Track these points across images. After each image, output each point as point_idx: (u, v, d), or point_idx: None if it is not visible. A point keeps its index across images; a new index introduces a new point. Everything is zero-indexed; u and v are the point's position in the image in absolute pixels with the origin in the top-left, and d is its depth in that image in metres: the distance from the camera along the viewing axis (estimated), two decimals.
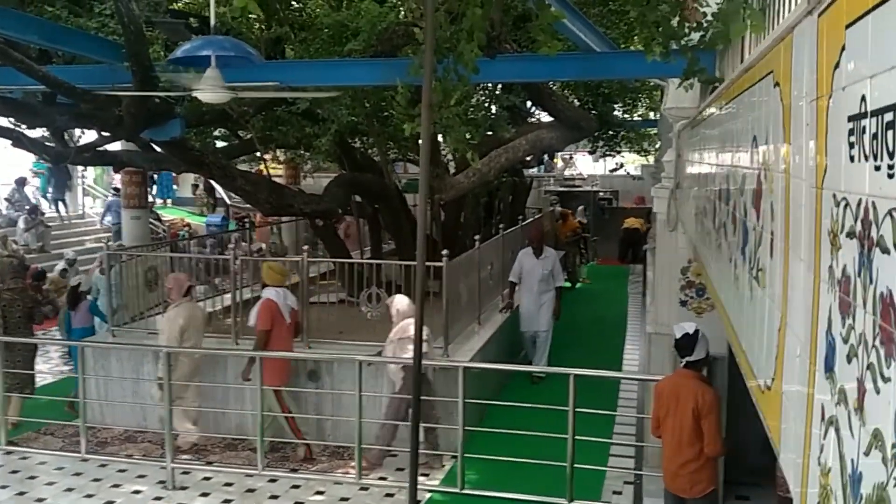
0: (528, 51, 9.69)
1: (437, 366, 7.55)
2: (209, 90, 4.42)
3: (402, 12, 8.58)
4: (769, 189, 1.82)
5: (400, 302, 7.72)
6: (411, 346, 6.76)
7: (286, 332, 7.71)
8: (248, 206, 16.89)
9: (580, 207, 19.99)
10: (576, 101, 13.64)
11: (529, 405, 6.99)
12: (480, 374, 8.22)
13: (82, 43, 7.32)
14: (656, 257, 7.91)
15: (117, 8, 6.41)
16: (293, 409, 7.82)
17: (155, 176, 21.94)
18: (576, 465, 6.27)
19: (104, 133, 8.74)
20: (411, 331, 6.95)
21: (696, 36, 5.59)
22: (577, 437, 6.24)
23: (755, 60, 2.04)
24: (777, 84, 1.69)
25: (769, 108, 1.79)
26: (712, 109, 3.87)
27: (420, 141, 9.76)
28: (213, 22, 4.41)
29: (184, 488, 7.21)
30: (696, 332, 5.08)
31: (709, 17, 5.48)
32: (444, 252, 8.30)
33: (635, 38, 12.66)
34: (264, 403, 7.28)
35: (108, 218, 19.33)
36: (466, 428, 6.70)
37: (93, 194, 23.28)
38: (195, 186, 23.27)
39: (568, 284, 17.44)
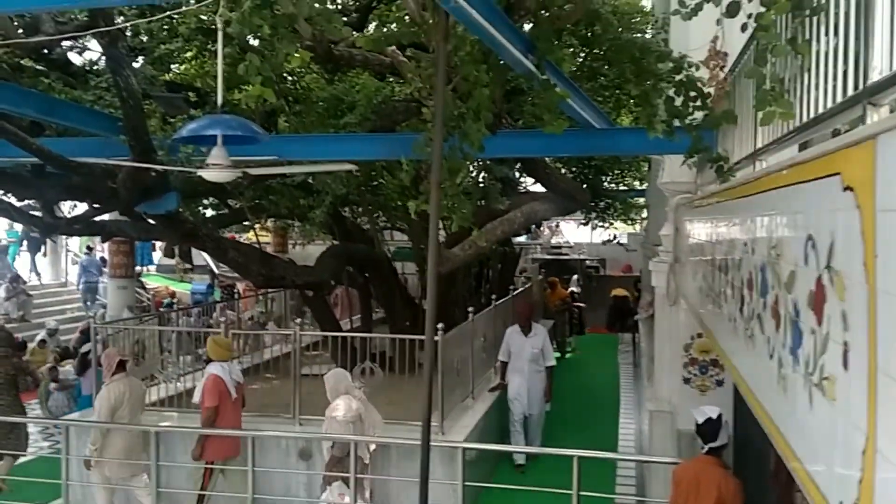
0: (522, 123, 9.78)
1: (435, 446, 7.31)
2: (216, 169, 4.36)
3: (404, 88, 8.62)
4: (838, 296, 1.73)
5: (330, 378, 7.51)
6: (336, 426, 7.02)
7: (233, 406, 7.46)
8: (234, 274, 16.75)
9: (574, 277, 19.97)
10: (568, 172, 13.74)
11: (528, 488, 6.78)
12: (474, 455, 7.99)
13: (78, 116, 7.27)
14: (656, 333, 7.81)
15: (115, 82, 6.38)
16: (223, 487, 7.53)
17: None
18: None
19: (96, 205, 8.63)
20: (339, 410, 6.99)
21: (699, 115, 5.65)
22: None
23: (810, 157, 1.98)
24: (849, 188, 1.62)
25: (836, 212, 1.72)
26: (728, 198, 3.82)
27: (417, 216, 9.73)
28: (220, 101, 4.36)
29: None
30: (720, 416, 4.94)
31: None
32: (440, 325, 8.15)
33: (623, 111, 12.88)
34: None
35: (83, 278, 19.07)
36: None
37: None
38: (171, 251, 22.98)
39: (557, 355, 17.34)
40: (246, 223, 13.38)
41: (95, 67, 9.30)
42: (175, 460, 8.00)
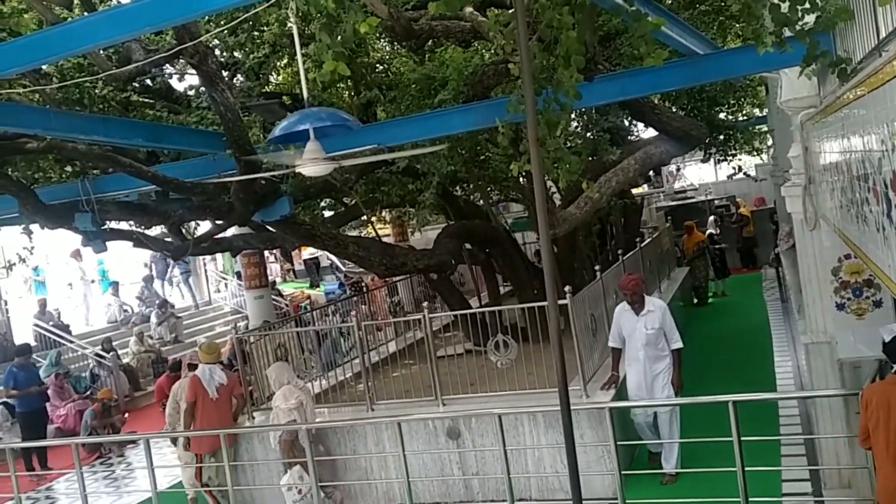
0: (622, 68, 9.34)
1: (579, 409, 7.12)
2: (311, 164, 4.35)
3: (491, 51, 8.40)
4: None
5: (272, 371, 8.19)
6: (281, 415, 7.75)
7: (213, 404, 8.32)
8: (359, 270, 17.10)
9: (710, 219, 19.13)
10: (679, 110, 13.07)
11: (685, 440, 6.52)
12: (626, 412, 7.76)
13: (184, 138, 7.54)
14: (800, 262, 7.28)
15: (212, 99, 6.55)
16: (215, 479, 8.34)
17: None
18: (750, 500, 5.71)
19: (218, 221, 8.97)
20: (285, 399, 7.77)
21: (810, 18, 5.15)
22: (746, 469, 5.70)
23: None
24: None
25: None
26: (858, 96, 3.43)
27: (524, 179, 9.51)
28: (305, 94, 4.34)
29: None
30: None
31: None
32: (567, 288, 7.94)
33: (729, 35, 12.10)
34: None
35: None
36: (624, 473, 6.26)
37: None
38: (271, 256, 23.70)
39: (695, 301, 16.68)
40: (363, 217, 13.58)
41: (196, 91, 9.64)
42: (329, 453, 8.27)
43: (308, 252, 24.00)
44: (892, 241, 2.96)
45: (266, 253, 25.98)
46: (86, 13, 6.52)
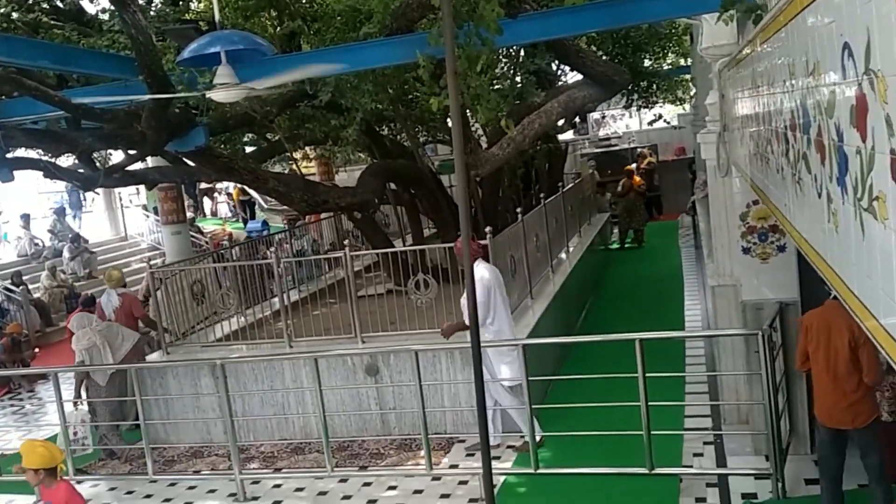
0: (549, 7, 9.30)
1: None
2: (223, 89, 4.21)
3: None
4: (881, 100, 1.51)
5: (74, 321, 8.34)
6: (77, 354, 8.09)
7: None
8: (283, 207, 16.81)
9: (633, 166, 19.58)
10: (603, 55, 13.15)
11: (593, 376, 6.73)
12: (539, 351, 7.96)
13: (95, 62, 7.18)
14: (711, 207, 7.52)
15: (123, 21, 6.23)
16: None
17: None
18: (652, 432, 5.98)
19: (130, 151, 8.63)
20: (77, 341, 8.03)
21: None
22: (650, 404, 5.95)
23: None
24: None
25: (869, 3, 1.48)
26: (764, 39, 3.51)
27: (449, 116, 9.44)
28: (217, 15, 4.18)
29: (255, 498, 7.10)
30: None
31: None
32: (488, 229, 8.01)
33: None
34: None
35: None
36: (534, 406, 6.45)
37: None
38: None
39: (636, 244, 17.22)
40: (286, 154, 13.30)
41: (110, 14, 9.16)
42: (245, 389, 8.27)
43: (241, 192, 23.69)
44: (788, 181, 3.08)
45: (217, 189, 25.60)
46: None
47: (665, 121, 19.80)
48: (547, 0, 9.23)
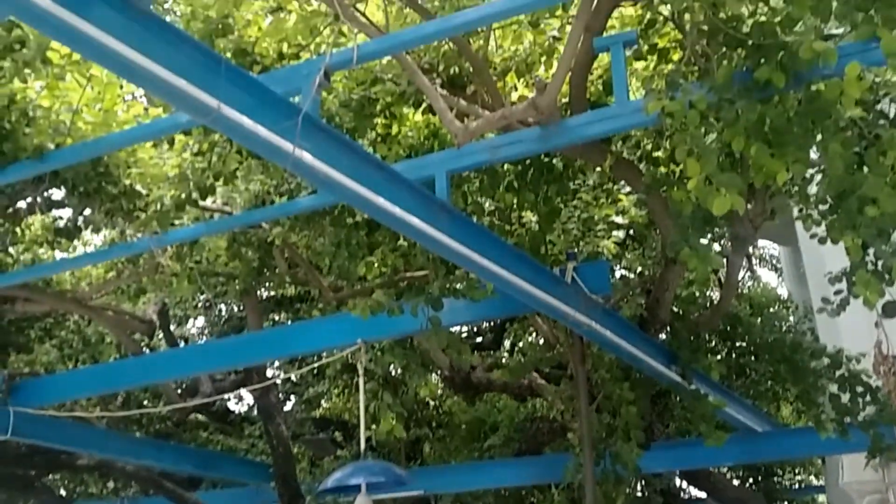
0: (675, 427, 9.19)
1: None
2: None
3: (549, 408, 8.50)
4: None
5: None
6: None
7: None
8: None
9: None
10: (733, 475, 12.56)
11: None
12: None
13: (231, 467, 7.50)
14: None
15: (266, 430, 6.59)
16: None
17: None
18: None
19: None
20: None
21: (872, 409, 5.13)
22: None
23: None
24: None
25: None
26: None
27: None
28: (362, 446, 4.37)
29: None
30: None
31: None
32: None
33: (783, 403, 12.01)
34: None
35: None
36: None
37: None
38: None
39: None
40: None
41: (251, 415, 9.74)
42: None
43: None
44: None
45: None
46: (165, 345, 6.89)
47: None
48: (673, 420, 9.20)
